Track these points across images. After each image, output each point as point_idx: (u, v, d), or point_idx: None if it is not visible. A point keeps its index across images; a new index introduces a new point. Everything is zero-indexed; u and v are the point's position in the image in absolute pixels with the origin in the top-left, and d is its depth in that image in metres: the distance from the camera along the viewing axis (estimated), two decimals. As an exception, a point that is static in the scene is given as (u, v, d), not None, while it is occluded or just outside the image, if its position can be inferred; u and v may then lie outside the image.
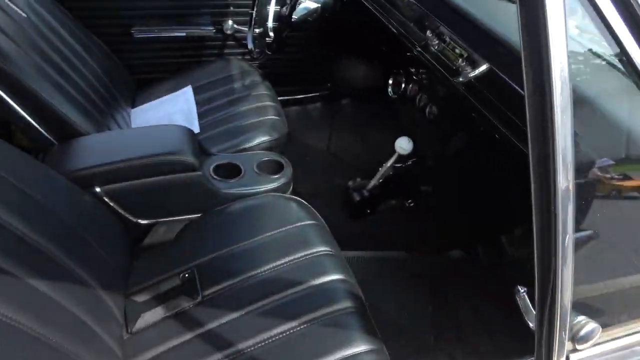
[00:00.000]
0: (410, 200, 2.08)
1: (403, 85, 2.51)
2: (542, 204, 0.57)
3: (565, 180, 0.56)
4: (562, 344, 0.64)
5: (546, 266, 0.57)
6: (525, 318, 0.69)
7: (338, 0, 2.18)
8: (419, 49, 1.81)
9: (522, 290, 0.68)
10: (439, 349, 1.75)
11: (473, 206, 2.17)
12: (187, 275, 1.37)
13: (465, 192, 2.22)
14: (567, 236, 0.58)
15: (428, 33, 1.74)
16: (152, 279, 1.37)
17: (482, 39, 1.52)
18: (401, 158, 1.97)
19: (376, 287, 1.89)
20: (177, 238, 1.51)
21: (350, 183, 2.04)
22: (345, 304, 1.27)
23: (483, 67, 1.50)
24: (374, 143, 2.74)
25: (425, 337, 1.78)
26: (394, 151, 1.97)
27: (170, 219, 1.56)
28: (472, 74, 1.55)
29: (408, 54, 2.11)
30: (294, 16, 1.98)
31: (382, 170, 1.95)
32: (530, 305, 0.68)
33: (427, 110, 2.32)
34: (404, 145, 1.87)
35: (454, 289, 1.94)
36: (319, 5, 2.07)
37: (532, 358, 0.67)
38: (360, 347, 1.18)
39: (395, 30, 1.99)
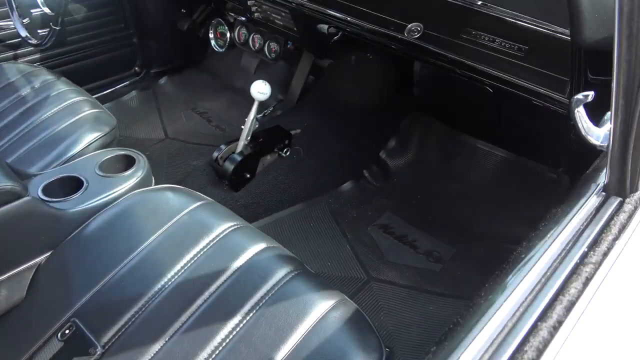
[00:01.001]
0: (285, 149, 1.92)
1: (228, 35, 2.30)
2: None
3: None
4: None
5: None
6: (587, 135, 0.59)
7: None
8: None
9: (584, 96, 0.56)
10: (373, 279, 1.69)
11: (345, 133, 2.13)
12: (67, 331, 1.03)
13: (333, 121, 2.16)
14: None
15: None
16: (20, 357, 0.99)
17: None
18: (262, 105, 1.79)
19: (292, 248, 1.73)
20: (31, 292, 1.12)
21: (215, 154, 1.79)
22: (283, 270, 1.08)
23: (321, -33, 1.38)
24: (217, 108, 2.50)
25: (357, 273, 1.70)
26: (247, 106, 1.77)
27: (9, 274, 1.14)
28: (308, -17, 1.42)
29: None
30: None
31: (246, 126, 1.74)
32: (589, 121, 0.58)
33: (266, 49, 2.17)
34: (261, 89, 1.67)
35: (359, 218, 1.89)
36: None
37: (604, 181, 0.57)
38: (324, 306, 1.01)
39: None
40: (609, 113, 0.59)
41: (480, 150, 1.94)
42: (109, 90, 2.53)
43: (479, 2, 1.10)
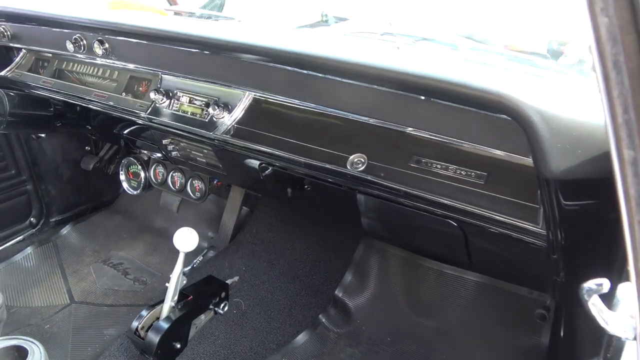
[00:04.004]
0: (222, 304, 1.80)
1: (143, 175, 2.24)
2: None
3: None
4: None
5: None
6: (607, 327, 0.54)
7: (6, 95, 1.79)
8: (146, 116, 1.61)
9: (597, 285, 0.51)
10: None
11: (291, 273, 2.06)
12: None
13: (276, 260, 2.10)
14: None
15: (152, 94, 1.55)
16: None
17: (223, 71, 1.41)
18: (190, 256, 1.70)
19: None
20: None
21: (135, 324, 1.63)
22: None
23: (245, 102, 1.40)
24: (135, 257, 2.37)
25: None
26: (171, 250, 1.68)
27: None
28: (232, 118, 1.43)
29: (132, 128, 1.89)
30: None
31: (171, 284, 1.62)
32: (607, 310, 0.53)
33: (189, 188, 2.12)
34: (186, 239, 1.59)
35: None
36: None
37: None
38: None
39: (100, 107, 1.73)
40: (620, 287, 0.57)
41: (448, 275, 1.91)
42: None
43: (424, 132, 1.14)
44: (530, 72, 1.29)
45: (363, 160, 1.24)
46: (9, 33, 1.84)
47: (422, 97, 1.07)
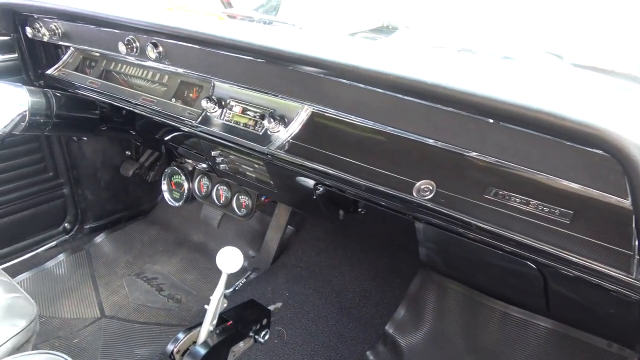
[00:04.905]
0: (264, 332, 1.81)
1: (186, 186, 2.30)
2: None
3: None
4: None
5: None
6: None
7: (53, 96, 1.88)
8: (196, 124, 1.65)
9: None
10: None
11: (339, 302, 2.06)
12: None
13: (323, 287, 2.10)
14: None
15: (204, 102, 1.59)
16: None
17: (281, 82, 1.43)
18: (231, 277, 1.72)
19: None
20: None
21: (170, 348, 1.66)
22: None
23: (303, 116, 1.42)
24: (171, 272, 2.42)
25: None
26: (209, 267, 1.71)
27: None
28: (288, 133, 1.45)
29: (175, 134, 1.94)
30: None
31: (210, 307, 1.65)
32: None
33: (235, 204, 2.16)
34: (231, 260, 1.61)
35: None
36: (26, 110, 1.74)
37: None
38: None
39: (147, 112, 1.79)
40: None
41: (514, 318, 1.87)
42: (29, 256, 2.45)
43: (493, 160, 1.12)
44: (628, 99, 1.25)
45: (431, 188, 1.23)
46: (60, 31, 1.93)
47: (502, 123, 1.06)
